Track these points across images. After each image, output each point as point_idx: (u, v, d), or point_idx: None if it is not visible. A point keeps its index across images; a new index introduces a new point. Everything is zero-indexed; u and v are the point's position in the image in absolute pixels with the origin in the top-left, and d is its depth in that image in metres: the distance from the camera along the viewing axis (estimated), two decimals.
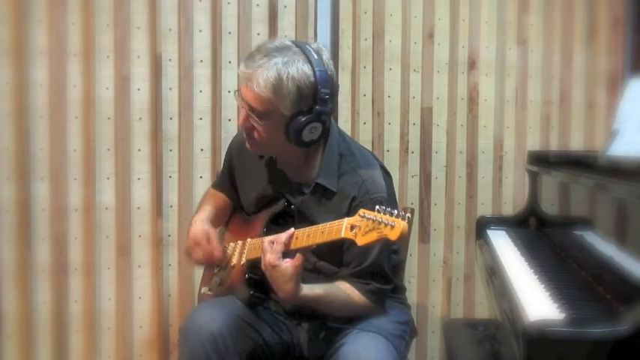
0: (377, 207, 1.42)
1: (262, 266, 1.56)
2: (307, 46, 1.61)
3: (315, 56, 1.59)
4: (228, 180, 1.92)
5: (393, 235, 1.38)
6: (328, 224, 1.51)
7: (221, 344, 1.62)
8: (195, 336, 1.63)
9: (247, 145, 1.70)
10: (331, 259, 1.72)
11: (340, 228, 1.47)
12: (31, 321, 2.30)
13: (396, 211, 1.40)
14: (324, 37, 2.42)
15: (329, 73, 1.61)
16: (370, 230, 1.41)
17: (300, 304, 1.65)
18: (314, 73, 1.57)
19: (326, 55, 1.64)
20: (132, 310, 2.37)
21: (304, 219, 1.70)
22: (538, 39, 2.53)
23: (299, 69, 1.56)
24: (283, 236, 1.55)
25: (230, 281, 1.79)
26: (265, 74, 1.55)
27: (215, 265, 1.82)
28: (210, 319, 1.65)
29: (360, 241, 1.43)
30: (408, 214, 1.40)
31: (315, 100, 1.60)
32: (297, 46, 1.61)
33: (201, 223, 1.81)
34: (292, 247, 1.55)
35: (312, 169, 1.73)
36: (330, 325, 1.73)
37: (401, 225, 1.37)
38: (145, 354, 2.40)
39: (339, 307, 1.67)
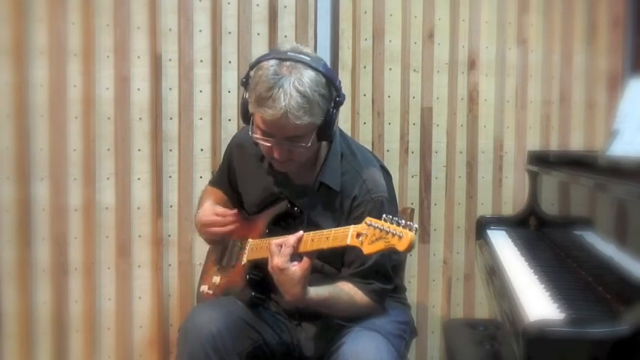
0: (384, 215, 1.42)
1: (269, 269, 1.55)
2: (290, 53, 1.58)
3: (305, 57, 1.58)
4: (226, 179, 1.92)
5: (401, 246, 1.37)
6: (334, 230, 1.51)
7: (220, 344, 1.62)
8: (194, 336, 1.63)
9: (283, 169, 1.69)
10: (333, 260, 1.72)
11: (346, 235, 1.47)
12: (31, 321, 2.30)
13: (403, 221, 1.39)
14: (324, 37, 2.42)
15: (323, 62, 1.61)
16: (377, 239, 1.40)
17: (306, 307, 1.65)
18: (318, 71, 1.57)
19: (307, 48, 1.63)
20: (132, 310, 2.37)
21: (307, 220, 1.70)
22: (538, 39, 2.53)
23: (310, 77, 1.54)
24: (292, 239, 1.53)
25: (230, 281, 1.79)
26: (294, 103, 1.51)
27: (233, 233, 1.80)
28: (209, 319, 1.65)
29: (367, 249, 1.42)
30: (415, 225, 1.39)
31: (332, 94, 1.61)
32: (283, 59, 1.56)
33: (208, 209, 1.82)
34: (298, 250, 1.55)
35: (314, 169, 1.72)
36: (330, 324, 1.73)
37: (409, 236, 1.36)
38: (145, 354, 2.40)
39: (343, 309, 1.67)
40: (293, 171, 1.73)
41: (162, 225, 2.37)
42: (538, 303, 1.29)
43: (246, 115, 1.63)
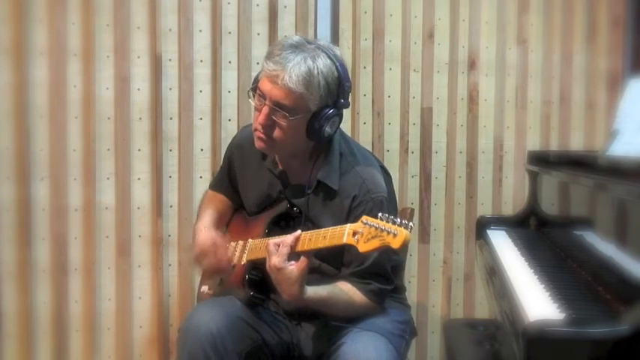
0: (379, 214, 1.42)
1: (267, 268, 1.55)
2: (319, 42, 1.64)
3: (331, 51, 1.62)
4: (227, 180, 1.92)
5: (396, 244, 1.38)
6: (330, 229, 1.51)
7: (220, 344, 1.62)
8: (194, 336, 1.63)
9: (261, 145, 1.67)
10: (332, 260, 1.72)
11: (342, 234, 1.47)
12: (31, 321, 2.30)
13: (398, 220, 1.40)
14: (324, 37, 2.42)
15: (344, 64, 1.64)
16: (372, 237, 1.41)
17: (304, 306, 1.65)
18: (336, 67, 1.60)
19: (338, 50, 1.67)
20: (132, 310, 2.37)
21: (306, 220, 1.70)
22: (538, 39, 2.53)
23: (325, 64, 1.59)
24: (289, 239, 1.54)
25: (230, 281, 1.79)
26: (297, 69, 1.55)
27: (222, 274, 1.81)
28: (209, 318, 1.65)
29: (362, 247, 1.43)
30: (411, 224, 1.39)
31: (339, 94, 1.62)
32: (309, 42, 1.62)
33: (206, 231, 1.80)
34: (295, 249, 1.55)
35: (313, 169, 1.72)
36: (329, 324, 1.73)
37: (403, 234, 1.37)
38: (145, 354, 2.40)
39: (342, 309, 1.67)
40: (270, 152, 1.72)
41: (162, 225, 2.37)
42: (538, 303, 1.29)
43: (256, 79, 1.66)
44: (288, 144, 1.66)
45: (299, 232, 1.55)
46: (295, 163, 1.75)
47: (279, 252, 1.53)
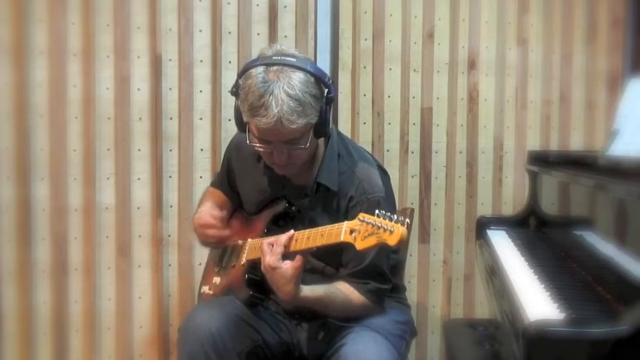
0: (377, 211, 1.42)
1: (262, 268, 1.55)
2: (275, 57, 1.57)
3: (291, 58, 1.57)
4: (226, 181, 1.92)
5: (392, 241, 1.38)
6: (328, 227, 1.51)
7: (220, 344, 1.62)
8: (194, 336, 1.63)
9: (285, 172, 1.69)
10: (330, 260, 1.72)
11: (340, 231, 1.47)
12: (31, 321, 2.30)
13: (395, 216, 1.39)
14: (324, 37, 2.42)
15: (310, 61, 1.61)
16: (369, 235, 1.41)
17: (300, 305, 1.65)
18: (306, 72, 1.56)
19: (291, 49, 1.62)
20: (132, 310, 2.38)
21: (305, 220, 1.70)
22: (538, 39, 2.53)
23: (298, 79, 1.54)
24: (283, 238, 1.54)
25: (230, 281, 1.79)
26: (287, 107, 1.51)
27: (227, 241, 1.82)
28: (209, 318, 1.65)
29: (360, 245, 1.43)
30: (407, 220, 1.39)
31: (323, 91, 1.61)
32: (270, 64, 1.56)
33: (207, 209, 1.84)
34: (292, 249, 1.54)
35: (312, 169, 1.73)
36: (330, 324, 1.73)
37: (400, 230, 1.37)
38: (145, 354, 2.40)
39: (339, 308, 1.67)
40: (294, 173, 1.73)
41: (162, 225, 2.37)
42: (538, 303, 1.29)
43: (241, 124, 1.64)
44: (307, 157, 1.68)
45: (292, 231, 1.55)
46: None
47: (273, 251, 1.53)
